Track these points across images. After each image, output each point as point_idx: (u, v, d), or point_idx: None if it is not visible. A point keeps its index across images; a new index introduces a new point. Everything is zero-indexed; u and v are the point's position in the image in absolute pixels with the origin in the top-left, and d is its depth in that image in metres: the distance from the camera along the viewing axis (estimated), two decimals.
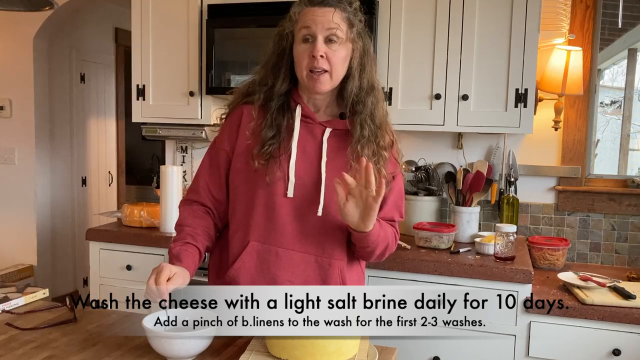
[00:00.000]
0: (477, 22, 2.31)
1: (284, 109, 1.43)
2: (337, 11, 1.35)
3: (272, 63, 1.43)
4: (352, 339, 1.23)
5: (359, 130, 1.39)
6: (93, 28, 4.53)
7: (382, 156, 1.41)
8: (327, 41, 1.35)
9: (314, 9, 1.35)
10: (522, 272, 2.03)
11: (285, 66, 1.41)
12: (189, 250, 1.38)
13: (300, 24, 1.36)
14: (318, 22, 1.34)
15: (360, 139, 1.39)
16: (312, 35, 1.35)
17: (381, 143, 1.41)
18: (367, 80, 1.41)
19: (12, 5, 1.97)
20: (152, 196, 3.13)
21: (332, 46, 1.35)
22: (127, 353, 1.29)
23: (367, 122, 1.40)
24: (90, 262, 2.62)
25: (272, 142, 1.39)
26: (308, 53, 1.35)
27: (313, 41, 1.35)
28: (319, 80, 1.36)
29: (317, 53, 1.33)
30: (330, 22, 1.34)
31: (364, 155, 1.37)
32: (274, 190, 1.39)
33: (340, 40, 1.36)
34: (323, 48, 1.34)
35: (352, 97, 1.40)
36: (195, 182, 1.52)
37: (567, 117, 2.56)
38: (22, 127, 3.87)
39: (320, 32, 1.34)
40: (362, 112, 1.40)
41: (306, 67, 1.36)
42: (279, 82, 1.42)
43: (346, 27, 1.36)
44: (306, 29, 1.35)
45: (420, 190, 2.62)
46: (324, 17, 1.34)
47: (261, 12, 2.48)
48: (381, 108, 1.44)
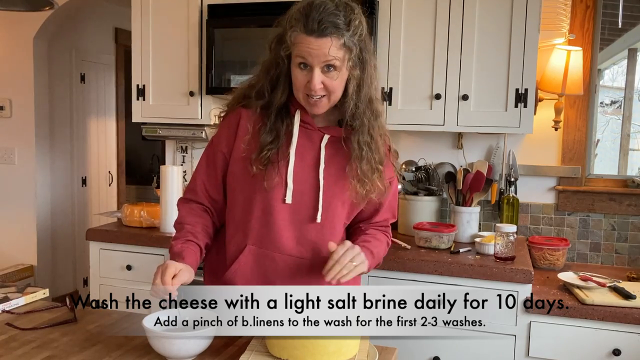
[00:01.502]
0: (477, 21, 2.31)
1: (283, 114, 1.42)
2: (334, 40, 1.28)
3: (270, 76, 1.40)
4: (352, 339, 1.23)
5: (356, 149, 1.39)
6: (93, 28, 4.53)
7: (379, 170, 1.42)
8: (324, 70, 1.31)
9: (309, 39, 1.28)
10: (522, 272, 2.03)
11: (283, 80, 1.38)
12: (190, 248, 1.39)
13: (296, 51, 1.31)
14: (314, 55, 1.28)
15: (359, 158, 1.39)
16: (309, 65, 1.31)
17: (377, 158, 1.41)
18: (364, 96, 1.38)
19: (12, 5, 1.98)
20: (152, 196, 3.13)
21: (329, 74, 1.31)
22: (127, 353, 1.29)
23: (365, 140, 1.39)
24: (90, 262, 2.62)
25: (270, 147, 1.38)
26: (305, 80, 1.32)
27: (310, 70, 1.31)
28: (317, 105, 1.35)
29: (315, 87, 1.31)
30: (327, 55, 1.28)
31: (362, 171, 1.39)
32: (271, 195, 1.39)
33: (337, 68, 1.31)
34: (320, 78, 1.30)
35: (349, 113, 1.38)
36: (192, 181, 1.52)
37: (567, 117, 2.56)
38: (22, 127, 3.87)
39: (317, 64, 1.29)
40: (360, 131, 1.38)
41: (303, 92, 1.34)
42: (277, 93, 1.39)
43: (343, 54, 1.30)
44: (302, 58, 1.30)
45: (420, 190, 2.62)
46: (319, 50, 1.28)
47: (261, 12, 2.48)
48: (379, 120, 1.43)
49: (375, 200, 1.46)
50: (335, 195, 1.42)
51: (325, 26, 1.27)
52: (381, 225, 1.55)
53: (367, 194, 1.42)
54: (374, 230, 1.52)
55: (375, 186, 1.41)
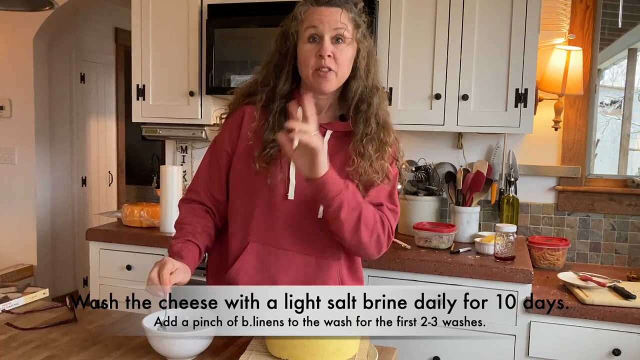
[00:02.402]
0: (477, 21, 2.31)
1: (285, 111, 1.41)
2: (344, 11, 1.34)
3: (274, 63, 1.42)
4: (352, 339, 1.23)
5: (362, 127, 1.39)
6: (93, 28, 4.53)
7: (387, 152, 1.41)
8: (333, 41, 1.34)
9: (320, 9, 1.35)
10: (522, 272, 2.03)
11: (288, 66, 1.41)
12: (189, 248, 1.38)
13: (307, 23, 1.35)
14: (325, 22, 1.33)
15: (364, 136, 1.38)
16: (319, 35, 1.34)
17: (385, 139, 1.41)
18: (372, 81, 1.42)
19: (12, 5, 1.97)
20: (152, 196, 3.13)
21: (338, 46, 1.35)
22: (127, 353, 1.29)
23: (371, 120, 1.40)
24: (90, 262, 2.62)
25: (273, 144, 1.38)
26: (315, 52, 1.34)
27: (320, 41, 1.34)
28: (326, 78, 1.35)
29: (324, 52, 1.33)
30: (338, 21, 1.33)
31: (367, 152, 1.37)
32: (274, 192, 1.39)
33: (347, 40, 1.35)
34: (330, 47, 1.33)
35: (357, 97, 1.40)
36: (195, 181, 1.52)
37: (567, 117, 2.56)
38: (22, 127, 3.87)
39: (327, 32, 1.33)
40: (367, 111, 1.40)
41: (313, 67, 1.35)
42: (281, 82, 1.41)
43: (352, 28, 1.36)
44: (313, 28, 1.34)
45: (420, 190, 2.62)
46: (331, 17, 1.33)
47: (261, 12, 2.48)
48: (384, 108, 1.44)
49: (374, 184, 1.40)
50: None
51: None
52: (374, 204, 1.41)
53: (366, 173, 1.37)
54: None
55: (379, 169, 1.38)
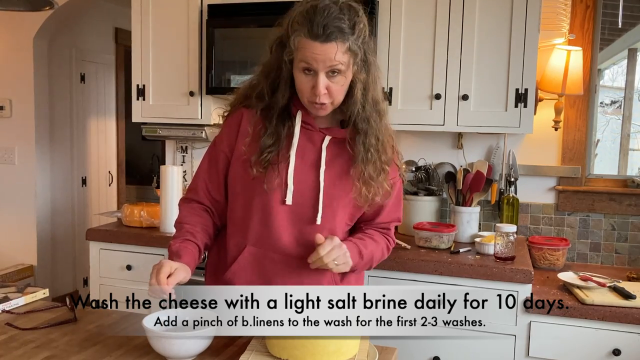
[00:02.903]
0: (477, 22, 2.31)
1: (284, 116, 1.41)
2: (340, 45, 1.26)
3: (271, 78, 1.38)
4: (352, 339, 1.23)
5: (362, 151, 1.37)
6: (93, 28, 4.53)
7: (385, 171, 1.41)
8: (328, 74, 1.29)
9: (314, 45, 1.25)
10: (522, 272, 2.03)
11: (284, 82, 1.36)
12: (188, 247, 1.39)
13: (300, 56, 1.29)
14: (319, 60, 1.26)
15: (365, 161, 1.38)
16: (314, 70, 1.29)
17: (384, 159, 1.40)
18: (371, 99, 1.37)
19: (12, 5, 1.97)
20: (152, 196, 3.13)
21: (333, 78, 1.30)
22: (127, 353, 1.29)
23: (371, 142, 1.37)
24: (90, 262, 2.62)
25: (270, 149, 1.38)
26: (309, 86, 1.31)
27: (315, 75, 1.29)
28: (321, 109, 1.35)
29: (320, 93, 1.29)
30: (332, 60, 1.26)
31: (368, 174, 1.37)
32: (271, 196, 1.39)
33: (342, 72, 1.30)
34: (324, 83, 1.29)
35: (353, 116, 1.37)
36: (194, 181, 1.52)
37: (567, 117, 2.56)
38: (22, 127, 3.86)
39: (322, 70, 1.28)
40: (367, 133, 1.37)
41: (308, 97, 1.33)
42: (278, 96, 1.38)
43: (348, 59, 1.29)
44: (306, 63, 1.28)
45: (420, 190, 2.62)
46: (325, 55, 1.26)
47: (261, 12, 2.47)
48: (384, 120, 1.41)
49: (378, 202, 1.44)
50: (336, 197, 1.41)
51: (331, 31, 1.25)
52: (382, 227, 1.52)
53: (373, 197, 1.40)
54: (373, 231, 1.50)
55: (381, 188, 1.40)
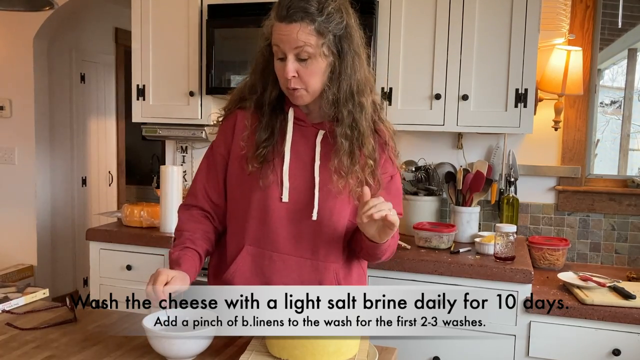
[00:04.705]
0: (477, 22, 2.31)
1: (277, 111, 1.41)
2: (303, 25, 1.27)
3: (260, 70, 1.41)
4: (352, 339, 1.23)
5: (339, 142, 1.36)
6: (93, 28, 4.53)
7: (368, 164, 1.38)
8: (297, 58, 1.29)
9: (280, 26, 1.29)
10: (522, 272, 2.03)
11: (272, 74, 1.37)
12: (188, 255, 1.38)
13: (272, 40, 1.32)
14: (285, 41, 1.28)
15: (340, 151, 1.36)
16: (284, 54, 1.30)
17: (365, 152, 1.37)
18: (344, 87, 1.35)
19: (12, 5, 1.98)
20: (152, 196, 3.14)
21: (302, 63, 1.30)
22: (127, 353, 1.29)
23: (344, 133, 1.36)
24: (90, 262, 2.62)
25: (265, 144, 1.38)
26: (282, 72, 1.32)
27: (285, 60, 1.30)
28: (296, 96, 1.35)
29: (288, 75, 1.30)
30: (297, 40, 1.27)
31: (344, 166, 1.35)
32: (268, 194, 1.39)
33: (311, 55, 1.29)
34: (293, 68, 1.29)
35: (329, 102, 1.36)
36: (193, 186, 1.52)
37: (567, 117, 2.56)
38: (22, 127, 3.87)
39: (289, 51, 1.29)
40: (342, 124, 1.36)
41: (283, 85, 1.35)
42: (268, 89, 1.39)
43: (316, 40, 1.28)
44: (276, 47, 1.31)
45: (420, 190, 2.62)
46: (289, 36, 1.27)
47: (261, 12, 2.42)
48: (365, 112, 1.37)
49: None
50: (333, 192, 1.39)
51: (294, 11, 1.27)
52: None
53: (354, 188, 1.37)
54: None
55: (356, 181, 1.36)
